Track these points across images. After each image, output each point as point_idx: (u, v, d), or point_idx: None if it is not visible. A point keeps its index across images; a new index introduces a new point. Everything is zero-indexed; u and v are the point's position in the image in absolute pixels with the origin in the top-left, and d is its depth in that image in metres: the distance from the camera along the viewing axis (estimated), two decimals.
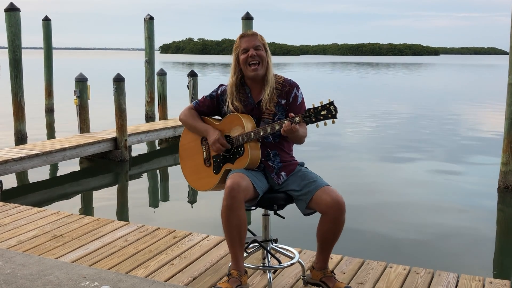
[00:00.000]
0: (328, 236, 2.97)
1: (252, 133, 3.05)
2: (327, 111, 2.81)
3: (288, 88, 3.17)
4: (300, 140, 3.07)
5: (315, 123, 2.88)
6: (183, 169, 3.38)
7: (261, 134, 3.04)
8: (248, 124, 3.10)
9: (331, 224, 2.92)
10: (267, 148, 3.13)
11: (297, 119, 2.89)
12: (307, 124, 2.94)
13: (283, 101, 3.15)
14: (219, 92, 3.27)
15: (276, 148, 3.14)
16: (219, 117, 3.32)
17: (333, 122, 2.84)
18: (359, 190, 7.96)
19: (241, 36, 3.20)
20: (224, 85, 3.30)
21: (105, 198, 7.82)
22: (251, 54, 3.11)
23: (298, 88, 3.22)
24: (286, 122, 2.92)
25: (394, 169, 9.64)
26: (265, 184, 3.10)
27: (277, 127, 2.98)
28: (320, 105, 2.85)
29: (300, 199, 3.03)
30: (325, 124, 2.85)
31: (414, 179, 8.89)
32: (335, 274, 3.09)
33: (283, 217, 3.22)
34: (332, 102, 2.82)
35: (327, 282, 3.05)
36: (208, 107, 3.30)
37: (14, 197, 7.47)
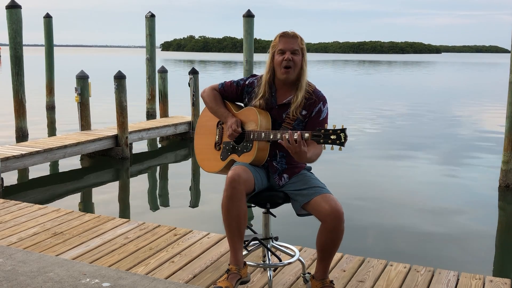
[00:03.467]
0: (327, 244, 2.94)
1: (263, 133, 3.03)
2: (336, 137, 2.76)
3: (314, 100, 3.09)
4: (302, 158, 2.89)
5: (322, 145, 2.82)
6: (195, 144, 3.43)
7: (271, 137, 3.00)
8: (263, 122, 3.07)
9: (330, 233, 2.90)
10: (275, 149, 3.11)
11: (306, 135, 2.82)
12: (313, 141, 2.83)
13: (304, 112, 3.08)
14: (246, 82, 3.24)
15: (284, 150, 3.09)
16: (241, 104, 3.31)
17: (340, 149, 2.78)
18: (360, 188, 7.96)
19: (281, 35, 3.09)
20: (256, 76, 3.26)
21: (105, 195, 7.83)
22: (286, 58, 3.02)
23: (325, 102, 3.13)
24: (290, 133, 2.84)
25: (394, 167, 9.63)
26: (265, 182, 3.10)
27: (287, 136, 2.90)
28: (332, 128, 2.79)
29: (296, 200, 3.03)
30: (332, 148, 2.79)
31: (414, 177, 8.89)
32: (334, 284, 3.07)
33: (275, 216, 3.21)
34: (344, 129, 2.75)
35: None
36: (231, 93, 3.28)
37: (14, 194, 7.48)
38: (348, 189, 7.70)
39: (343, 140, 2.75)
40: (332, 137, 2.77)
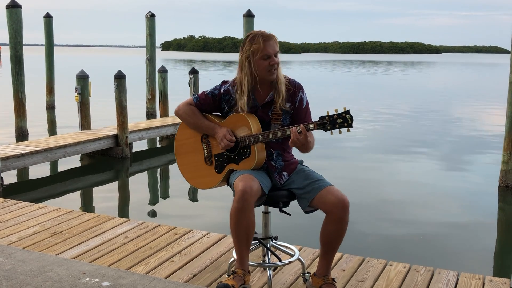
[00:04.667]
0: (332, 237, 2.96)
1: (260, 136, 3.01)
2: (343, 120, 2.79)
3: (293, 91, 3.11)
4: (308, 149, 2.99)
5: (330, 131, 2.85)
6: (180, 165, 3.32)
7: (270, 137, 2.99)
8: (254, 125, 3.05)
9: (336, 224, 2.92)
10: (270, 148, 3.12)
11: (311, 126, 2.85)
12: (320, 129, 2.88)
13: (288, 104, 3.10)
14: (222, 91, 3.17)
15: (279, 148, 3.13)
16: (219, 114, 3.27)
17: (348, 131, 2.81)
18: (360, 188, 7.96)
19: (264, 39, 3.00)
20: (227, 82, 3.20)
21: (105, 195, 7.83)
22: (273, 62, 3.01)
23: (303, 90, 3.15)
24: (295, 128, 2.88)
25: (394, 167, 9.64)
26: (269, 183, 3.10)
27: (288, 133, 2.93)
28: (335, 113, 2.81)
29: (302, 197, 3.03)
30: (340, 132, 2.83)
31: (414, 177, 8.89)
32: (335, 282, 3.08)
33: (290, 214, 3.17)
34: (348, 111, 2.79)
35: None
36: (209, 105, 3.20)
37: (15, 193, 7.48)
38: (348, 189, 7.69)
39: (350, 122, 2.80)
40: (338, 121, 2.81)
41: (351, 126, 2.80)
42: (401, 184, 8.43)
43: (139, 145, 11.41)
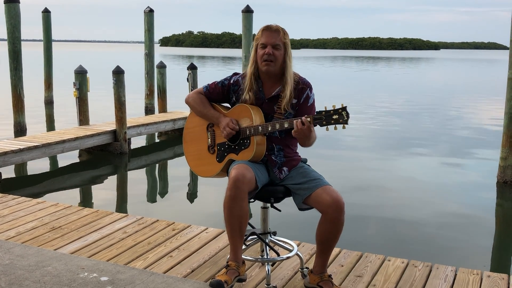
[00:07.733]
0: (327, 236, 2.96)
1: (260, 127, 3.03)
2: (339, 116, 2.78)
3: (301, 87, 3.12)
4: (309, 143, 2.99)
5: (325, 126, 2.85)
6: (186, 153, 3.39)
7: (269, 129, 3.01)
8: (256, 117, 3.08)
9: (330, 224, 2.91)
10: (272, 142, 3.12)
11: (308, 119, 2.86)
12: (315, 126, 2.90)
13: (294, 101, 3.11)
14: (231, 81, 3.24)
15: (281, 143, 3.13)
16: (228, 105, 3.30)
17: (344, 127, 2.81)
18: (359, 184, 7.96)
19: (264, 29, 3.10)
20: (238, 74, 3.27)
21: (104, 190, 7.83)
22: (267, 52, 3.05)
23: (311, 89, 3.16)
24: (297, 121, 2.88)
25: (393, 163, 9.64)
26: (266, 178, 3.10)
27: (286, 125, 2.95)
28: (332, 108, 2.81)
29: (297, 194, 3.03)
30: (335, 128, 2.82)
31: (413, 173, 8.90)
32: (332, 279, 3.09)
33: (280, 210, 3.22)
34: (345, 107, 2.79)
35: (324, 286, 3.04)
36: (218, 94, 3.26)
37: (13, 188, 7.47)
38: (347, 184, 7.70)
39: (346, 118, 2.79)
40: (334, 117, 2.81)
41: (347, 123, 2.80)
42: (400, 180, 8.43)
43: (138, 141, 11.41)
